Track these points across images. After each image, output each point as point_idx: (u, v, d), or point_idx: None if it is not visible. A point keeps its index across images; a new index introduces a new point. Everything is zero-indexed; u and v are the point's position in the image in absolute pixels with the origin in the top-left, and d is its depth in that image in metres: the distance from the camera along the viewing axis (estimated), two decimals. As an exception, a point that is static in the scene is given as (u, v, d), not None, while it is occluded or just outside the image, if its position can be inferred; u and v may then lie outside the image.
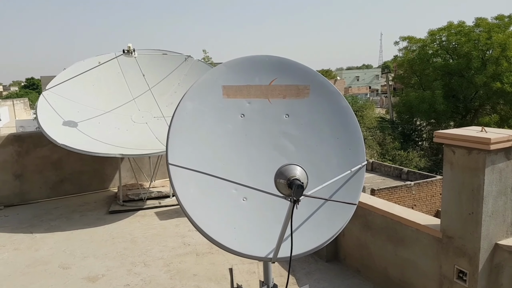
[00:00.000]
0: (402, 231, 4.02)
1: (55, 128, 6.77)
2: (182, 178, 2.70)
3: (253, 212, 2.85)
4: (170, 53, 8.54)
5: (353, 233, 4.68)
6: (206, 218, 2.66)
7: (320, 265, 4.91)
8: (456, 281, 3.48)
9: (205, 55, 35.32)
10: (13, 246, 5.79)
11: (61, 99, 7.36)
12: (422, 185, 20.27)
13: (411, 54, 36.36)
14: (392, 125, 37.79)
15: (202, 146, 2.90)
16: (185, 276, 4.80)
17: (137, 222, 6.62)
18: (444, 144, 3.44)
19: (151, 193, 7.57)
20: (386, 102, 54.28)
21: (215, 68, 3.14)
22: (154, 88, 8.12)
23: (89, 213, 7.11)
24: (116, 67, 8.10)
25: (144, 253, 5.43)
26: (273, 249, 2.56)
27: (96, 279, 4.78)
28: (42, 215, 7.07)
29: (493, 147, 3.10)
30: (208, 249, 5.41)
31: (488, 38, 31.23)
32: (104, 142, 6.87)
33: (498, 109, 33.55)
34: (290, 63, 3.18)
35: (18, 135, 7.89)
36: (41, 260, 5.31)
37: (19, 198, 7.73)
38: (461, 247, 3.41)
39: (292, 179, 2.16)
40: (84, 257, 5.36)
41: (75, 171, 8.13)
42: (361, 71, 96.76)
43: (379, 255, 4.36)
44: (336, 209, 2.92)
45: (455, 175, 3.39)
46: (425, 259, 3.81)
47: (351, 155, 3.07)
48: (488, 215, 3.25)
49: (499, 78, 30.21)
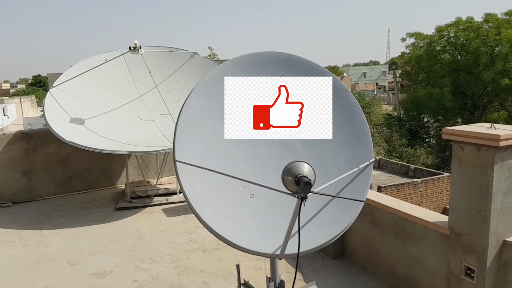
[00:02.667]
0: (410, 228, 4.00)
1: (63, 125, 6.81)
2: (189, 175, 2.71)
3: (260, 209, 2.85)
4: (176, 50, 8.55)
5: (360, 230, 4.66)
6: (213, 214, 2.66)
7: (327, 261, 4.90)
8: (464, 278, 3.46)
9: (211, 52, 35.29)
10: (22, 243, 5.84)
11: (68, 96, 7.40)
12: (429, 182, 20.17)
13: (418, 50, 36.07)
14: (399, 122, 37.58)
15: (209, 143, 2.90)
16: (193, 272, 4.82)
17: (145, 218, 6.65)
18: (453, 140, 3.41)
19: (158, 190, 7.60)
20: (394, 98, 53.99)
21: (222, 65, 3.13)
22: (160, 85, 8.14)
23: (97, 209, 7.15)
24: (123, 64, 8.12)
25: (151, 250, 5.46)
26: (280, 246, 2.56)
27: (104, 275, 4.82)
28: (50, 211, 7.13)
29: (502, 143, 3.07)
30: (215, 246, 5.43)
31: (497, 34, 30.90)
32: (111, 139, 6.89)
33: (506, 106, 33.26)
34: (298, 60, 3.17)
35: (25, 132, 7.94)
36: (49, 257, 5.35)
37: (27, 195, 7.79)
38: (469, 244, 3.39)
39: (299, 176, 2.16)
40: (92, 253, 5.40)
41: (83, 168, 8.18)
42: (368, 67, 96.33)
43: (386, 252, 4.34)
44: (343, 206, 2.91)
45: (464, 172, 3.36)
46: (432, 256, 3.79)
47: (359, 152, 3.05)
48: (496, 212, 3.22)
49: (507, 74, 29.92)
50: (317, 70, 3.17)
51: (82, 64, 7.78)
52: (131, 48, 7.54)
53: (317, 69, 3.17)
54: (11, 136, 7.64)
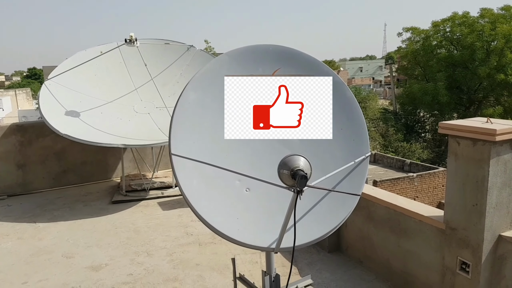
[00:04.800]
0: (405, 222, 4.01)
1: (58, 118, 6.76)
2: (185, 169, 2.69)
3: (256, 202, 2.84)
4: (172, 42, 8.49)
5: (355, 224, 4.67)
6: (209, 208, 2.66)
7: (322, 255, 4.91)
8: (459, 273, 3.48)
9: (207, 45, 35.18)
10: (17, 236, 5.82)
11: (63, 89, 7.34)
12: (424, 176, 20.25)
13: (414, 45, 36.07)
14: (395, 116, 37.65)
15: (205, 136, 2.89)
16: (188, 266, 4.82)
17: (140, 212, 6.63)
18: (449, 135, 3.41)
19: (154, 183, 7.58)
20: (390, 93, 54.05)
21: (218, 58, 3.11)
22: (156, 78, 8.09)
23: (92, 203, 7.13)
24: (118, 57, 8.06)
25: (147, 243, 5.45)
26: (276, 240, 2.56)
27: (99, 268, 4.81)
28: (45, 205, 7.10)
29: (498, 138, 3.07)
30: (211, 239, 5.43)
31: (492, 29, 30.93)
32: (106, 132, 6.86)
33: (502, 101, 33.35)
34: (295, 53, 3.15)
35: (20, 125, 7.89)
36: (44, 249, 5.33)
37: (22, 188, 7.75)
38: (465, 238, 3.40)
39: (295, 170, 2.15)
40: (88, 247, 5.38)
41: (78, 161, 8.14)
42: (365, 62, 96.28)
43: (381, 246, 4.36)
44: (339, 200, 2.92)
45: (460, 166, 3.36)
46: (428, 251, 3.81)
47: (355, 146, 3.05)
48: (492, 207, 3.23)
49: (503, 69, 29.99)
50: (314, 64, 3.15)
51: (77, 57, 7.72)
52: (127, 40, 7.49)
53: (314, 62, 3.16)
54: (6, 129, 7.58)
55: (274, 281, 2.98)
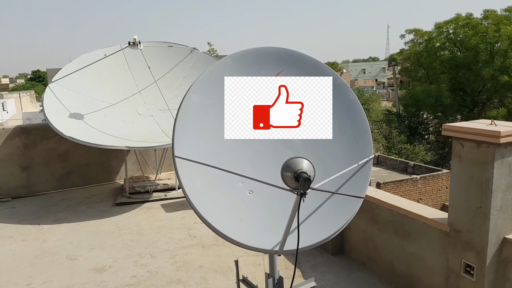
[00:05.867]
0: (409, 224, 3.99)
1: (62, 120, 6.79)
2: (188, 171, 2.69)
3: (259, 205, 2.84)
4: (175, 45, 8.51)
5: (359, 227, 4.66)
6: (212, 210, 2.65)
7: (325, 258, 4.90)
8: (463, 275, 3.46)
9: (210, 48, 35.22)
10: (21, 237, 5.84)
11: (67, 91, 7.38)
12: (428, 178, 20.18)
13: (417, 47, 35.99)
14: (398, 118, 37.56)
15: (208, 139, 2.89)
16: (191, 268, 4.82)
17: (143, 214, 6.64)
18: (453, 137, 3.40)
19: (157, 185, 7.59)
20: (393, 95, 53.95)
21: (221, 61, 3.11)
22: (159, 80, 8.11)
23: (96, 205, 7.14)
24: (122, 60, 8.09)
25: (150, 245, 5.46)
26: (279, 242, 2.55)
27: (103, 270, 4.81)
28: (49, 206, 7.12)
29: (503, 140, 3.05)
30: (214, 241, 5.42)
31: (496, 30, 30.81)
32: (110, 134, 6.88)
33: (506, 103, 33.22)
34: (297, 55, 3.15)
35: (24, 127, 7.92)
36: (48, 251, 5.35)
37: (26, 190, 7.78)
38: (469, 241, 3.39)
39: (299, 172, 2.14)
40: (91, 249, 5.39)
41: (82, 164, 8.17)
42: (368, 63, 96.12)
43: (385, 248, 4.34)
44: (342, 202, 2.90)
45: (464, 168, 3.35)
46: (432, 253, 3.79)
47: (358, 148, 3.04)
48: (496, 209, 3.22)
49: (507, 71, 29.86)
50: (317, 66, 3.15)
51: (81, 59, 7.76)
52: (130, 43, 7.51)
53: (317, 64, 3.15)
54: (10, 131, 7.62)
55: (277, 283, 2.97)
